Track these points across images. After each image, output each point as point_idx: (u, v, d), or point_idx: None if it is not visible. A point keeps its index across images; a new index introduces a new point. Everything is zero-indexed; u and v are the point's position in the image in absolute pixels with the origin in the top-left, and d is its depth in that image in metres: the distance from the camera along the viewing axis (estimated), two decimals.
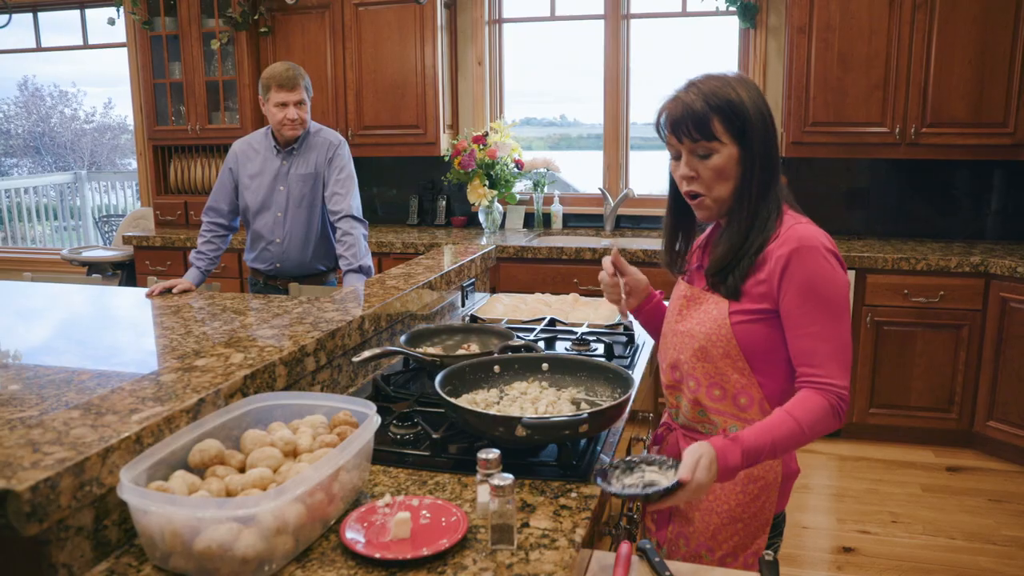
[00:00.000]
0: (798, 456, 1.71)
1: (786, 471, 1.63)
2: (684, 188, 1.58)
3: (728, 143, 1.51)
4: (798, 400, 1.48)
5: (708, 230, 1.73)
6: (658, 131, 1.60)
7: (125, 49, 5.92)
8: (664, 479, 1.36)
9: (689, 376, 1.64)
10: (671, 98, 1.55)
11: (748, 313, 1.54)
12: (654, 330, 1.89)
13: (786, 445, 1.45)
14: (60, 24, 6.68)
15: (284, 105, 3.22)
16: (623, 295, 1.76)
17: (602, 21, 4.99)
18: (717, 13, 4.69)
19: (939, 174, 4.59)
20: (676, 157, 1.58)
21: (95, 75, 13.10)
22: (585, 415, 1.48)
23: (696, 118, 1.50)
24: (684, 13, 4.91)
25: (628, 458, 1.44)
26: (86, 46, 6.41)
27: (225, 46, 5.13)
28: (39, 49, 6.59)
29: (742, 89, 1.53)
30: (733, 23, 4.75)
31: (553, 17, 5.19)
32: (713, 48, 5.03)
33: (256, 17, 5.01)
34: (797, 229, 1.51)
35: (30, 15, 6.48)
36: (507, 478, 1.25)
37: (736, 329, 1.54)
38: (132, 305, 3.14)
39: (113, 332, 2.83)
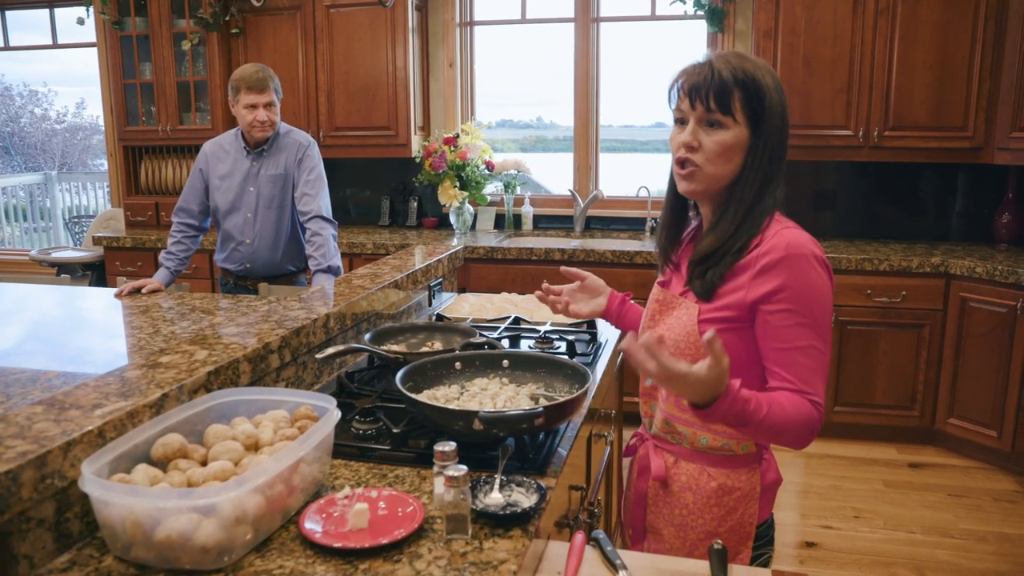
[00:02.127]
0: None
1: (765, 481, 1.58)
2: (680, 155, 1.49)
3: (742, 123, 1.44)
4: (791, 398, 1.40)
5: (692, 228, 1.67)
6: (668, 95, 1.52)
7: (95, 49, 5.89)
8: (527, 501, 1.40)
9: (659, 385, 1.57)
10: (696, 63, 1.47)
11: (717, 321, 1.46)
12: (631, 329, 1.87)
13: (771, 419, 1.35)
14: (29, 23, 6.62)
15: (253, 107, 3.24)
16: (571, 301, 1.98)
17: (572, 24, 5.05)
18: (685, 17, 4.75)
19: (904, 177, 4.68)
20: (680, 122, 1.49)
21: (67, 75, 12.99)
22: (540, 409, 1.51)
23: (718, 87, 1.43)
24: (653, 17, 4.98)
25: (501, 477, 1.45)
26: (55, 46, 6.37)
27: (196, 47, 5.12)
28: (6, 48, 6.53)
29: (769, 77, 1.46)
30: (701, 27, 4.83)
31: (524, 20, 5.23)
32: (681, 51, 5.10)
33: (227, 18, 5.01)
34: (785, 235, 1.44)
35: None
36: (461, 469, 1.29)
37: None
38: (101, 306, 3.14)
39: (81, 332, 2.83)
